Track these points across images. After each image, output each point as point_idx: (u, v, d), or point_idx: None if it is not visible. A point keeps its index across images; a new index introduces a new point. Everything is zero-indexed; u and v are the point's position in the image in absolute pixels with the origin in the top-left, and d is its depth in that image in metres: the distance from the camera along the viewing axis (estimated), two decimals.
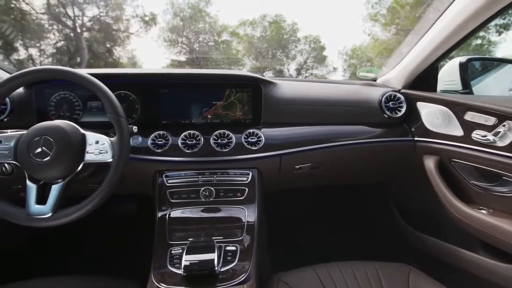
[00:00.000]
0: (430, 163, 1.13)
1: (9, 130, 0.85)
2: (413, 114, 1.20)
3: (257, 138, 1.08)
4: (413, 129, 1.20)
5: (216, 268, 0.79)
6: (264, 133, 1.10)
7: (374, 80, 1.41)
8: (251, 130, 1.09)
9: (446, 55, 1.12)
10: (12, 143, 0.80)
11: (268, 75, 1.68)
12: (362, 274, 0.91)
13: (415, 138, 1.18)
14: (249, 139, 1.08)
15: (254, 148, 1.07)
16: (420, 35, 1.13)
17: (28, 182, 0.80)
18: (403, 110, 1.19)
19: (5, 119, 1.01)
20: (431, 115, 1.13)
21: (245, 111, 1.14)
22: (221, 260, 0.85)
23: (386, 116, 1.18)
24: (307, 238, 1.66)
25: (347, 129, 1.17)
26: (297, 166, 1.14)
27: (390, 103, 1.19)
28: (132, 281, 0.90)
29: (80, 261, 1.44)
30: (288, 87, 1.19)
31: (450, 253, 1.14)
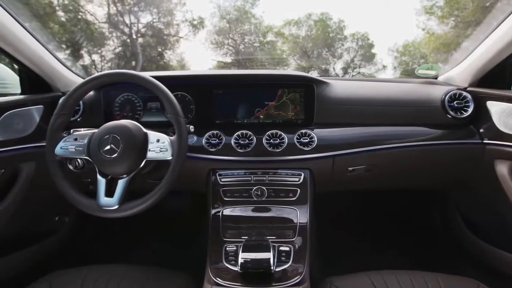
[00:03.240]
0: (503, 168, 1.02)
1: (82, 129, 0.95)
2: (482, 114, 1.09)
3: (310, 138, 1.07)
4: (481, 131, 1.10)
5: (272, 268, 0.80)
6: (317, 133, 1.08)
7: (435, 78, 1.31)
8: (303, 131, 1.08)
9: None
10: (85, 141, 0.89)
11: (313, 75, 1.65)
12: (422, 285, 0.84)
13: (485, 141, 1.08)
14: (301, 139, 1.07)
15: (306, 148, 1.06)
16: (492, 27, 1.02)
17: (98, 176, 0.88)
18: (470, 110, 1.09)
19: (79, 119, 1.13)
20: (506, 115, 1.02)
21: (297, 111, 1.13)
22: (275, 260, 0.86)
23: (449, 116, 1.10)
24: (358, 242, 1.60)
25: (405, 130, 1.11)
26: (351, 168, 1.10)
27: (455, 102, 1.10)
28: (185, 273, 0.94)
29: (138, 253, 1.55)
30: (341, 87, 1.16)
31: None
